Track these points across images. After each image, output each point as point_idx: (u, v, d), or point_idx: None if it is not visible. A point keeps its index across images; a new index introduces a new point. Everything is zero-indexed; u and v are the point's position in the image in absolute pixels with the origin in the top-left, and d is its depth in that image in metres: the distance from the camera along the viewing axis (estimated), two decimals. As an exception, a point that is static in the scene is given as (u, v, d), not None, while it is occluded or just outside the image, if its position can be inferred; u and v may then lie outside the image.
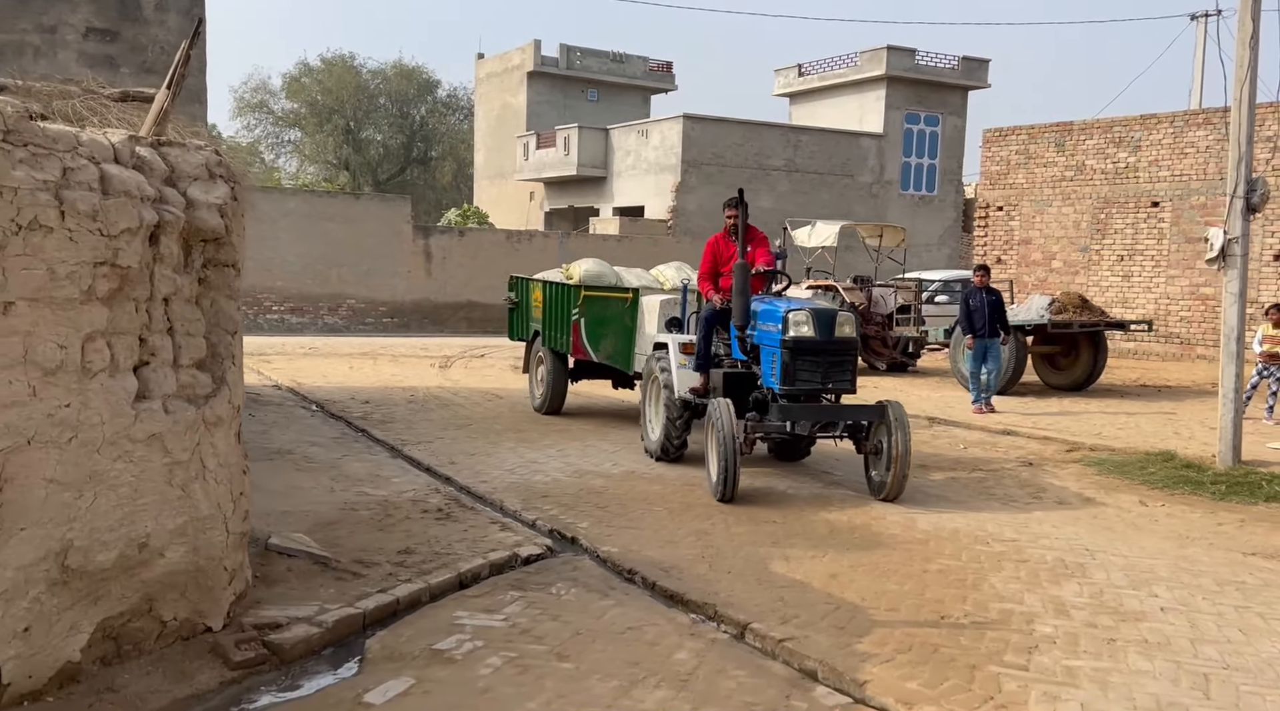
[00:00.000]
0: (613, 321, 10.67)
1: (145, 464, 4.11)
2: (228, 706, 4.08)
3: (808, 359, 7.61)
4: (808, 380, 7.65)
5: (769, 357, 7.84)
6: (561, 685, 4.20)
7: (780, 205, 32.61)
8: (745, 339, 8.20)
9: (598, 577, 5.80)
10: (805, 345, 7.61)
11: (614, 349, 10.68)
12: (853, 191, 34.09)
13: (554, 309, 11.54)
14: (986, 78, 36.95)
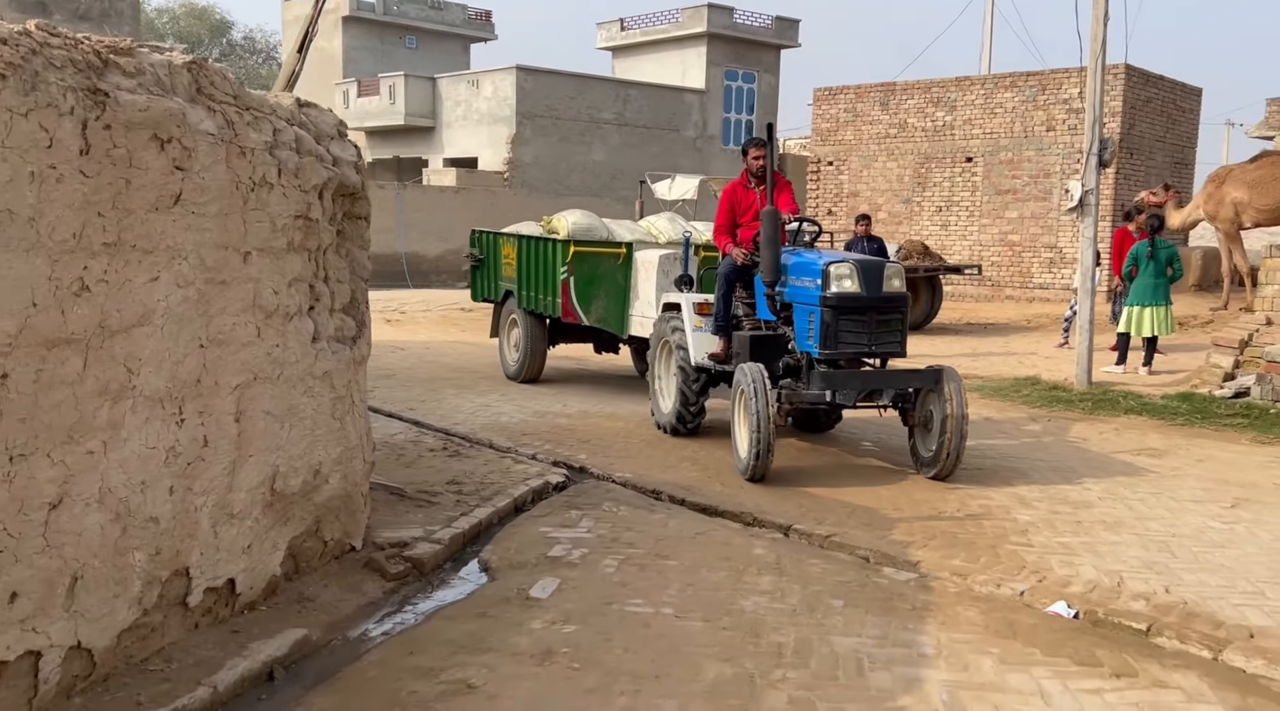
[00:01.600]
0: (605, 280, 9.92)
1: (320, 398, 4.54)
2: (399, 608, 4.61)
3: (852, 318, 6.64)
4: (852, 343, 6.68)
5: (805, 318, 6.86)
6: (681, 576, 4.96)
7: (612, 158, 33.48)
8: (774, 297, 7.27)
9: (631, 497, 6.54)
10: (850, 302, 6.61)
11: (606, 310, 9.97)
12: (678, 145, 35.30)
13: (534, 267, 10.55)
14: (797, 37, 38.93)
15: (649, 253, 9.70)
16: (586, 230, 10.24)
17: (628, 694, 3.68)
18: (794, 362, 7.16)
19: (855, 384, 6.94)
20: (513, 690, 3.71)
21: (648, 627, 4.30)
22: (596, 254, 9.98)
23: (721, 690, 3.70)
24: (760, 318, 7.63)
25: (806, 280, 6.88)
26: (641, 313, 9.66)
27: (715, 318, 7.75)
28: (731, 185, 7.99)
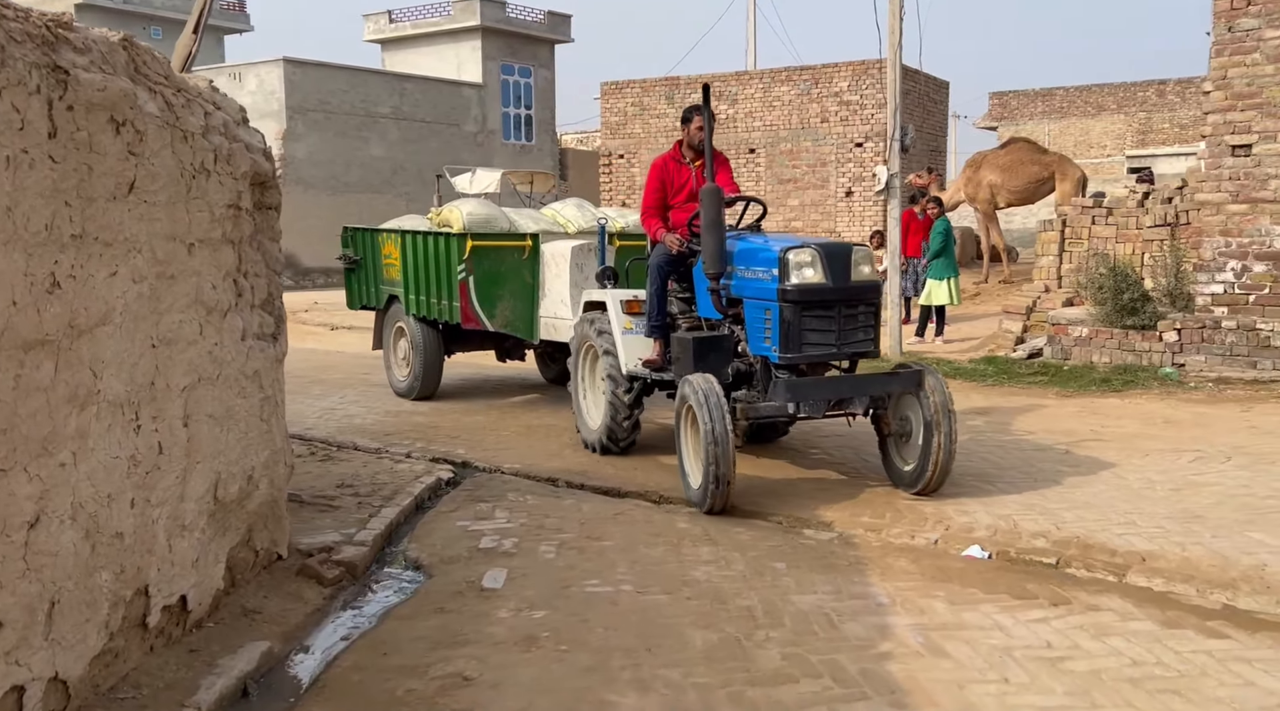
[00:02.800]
0: (510, 278, 8.74)
1: (251, 399, 4.28)
2: (344, 612, 4.43)
3: (817, 314, 5.61)
4: (818, 343, 5.65)
5: (759, 315, 5.78)
6: (622, 555, 5.03)
7: (392, 153, 32.59)
8: (720, 291, 6.08)
9: (531, 487, 6.52)
10: (813, 295, 5.57)
11: (513, 313, 8.80)
12: (459, 140, 34.80)
13: (424, 267, 9.23)
14: (570, 32, 39.28)
15: (559, 244, 8.66)
16: (485, 221, 8.92)
17: (628, 667, 3.72)
18: (746, 368, 6.12)
19: (825, 392, 5.81)
20: (512, 677, 3.67)
21: (616, 605, 4.35)
22: (498, 248, 8.75)
23: (715, 655, 3.82)
24: (702, 315, 6.48)
25: (759, 270, 5.79)
26: (553, 313, 8.63)
27: (648, 317, 6.64)
28: (662, 160, 6.82)
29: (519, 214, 9.40)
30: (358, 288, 10.65)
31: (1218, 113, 9.94)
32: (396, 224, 10.17)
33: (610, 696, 3.51)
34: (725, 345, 6.20)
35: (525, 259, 8.76)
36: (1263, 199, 9.65)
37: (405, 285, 9.54)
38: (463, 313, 8.75)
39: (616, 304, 6.99)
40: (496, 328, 8.85)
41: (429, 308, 9.26)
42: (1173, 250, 11.06)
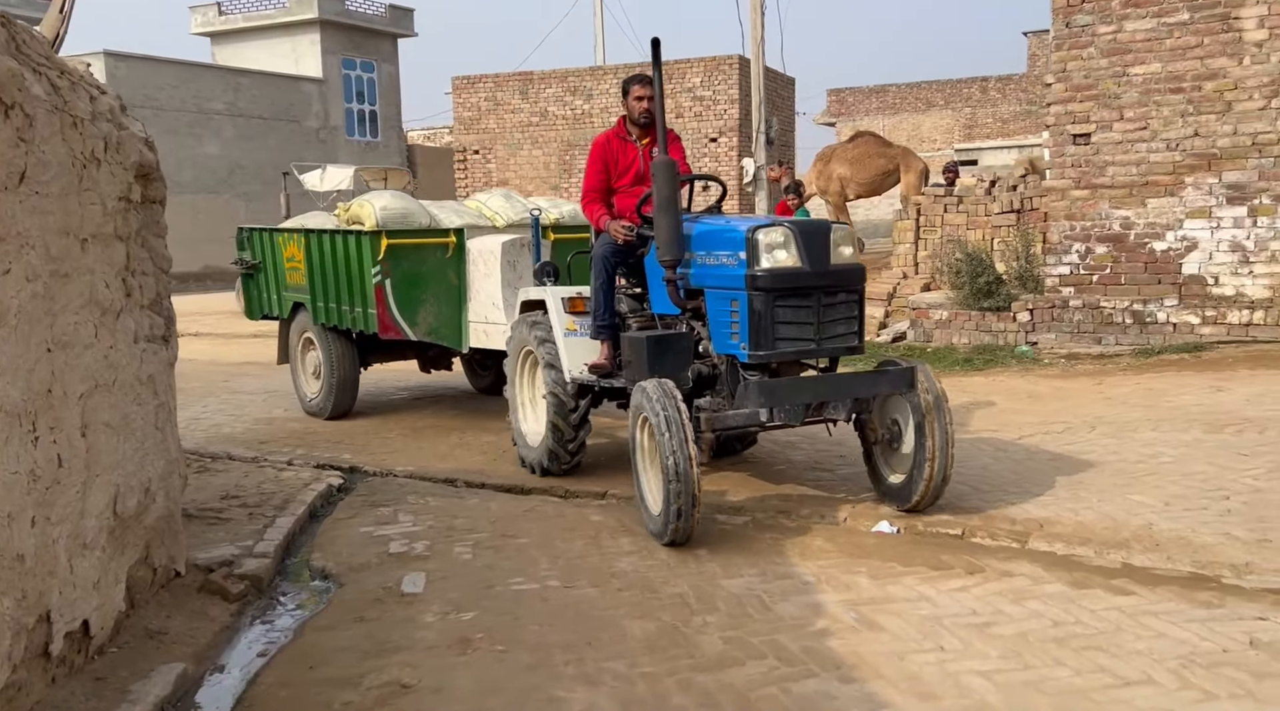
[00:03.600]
0: (433, 280, 7.85)
1: (146, 406, 3.99)
2: (253, 627, 4.19)
3: (792, 304, 4.86)
4: (794, 338, 4.90)
5: (724, 307, 5.04)
6: (541, 551, 4.93)
7: (228, 152, 31.17)
8: (677, 282, 5.28)
9: (430, 488, 6.34)
10: (788, 282, 4.85)
11: (438, 319, 7.91)
12: (300, 137, 33.58)
13: (333, 270, 8.23)
14: (413, 26, 38.42)
15: (487, 240, 7.83)
16: (402, 216, 7.90)
17: (572, 662, 3.65)
18: (710, 370, 5.30)
19: (804, 395, 4.97)
20: (453, 681, 3.54)
21: (546, 602, 4.26)
22: (418, 246, 7.83)
23: (657, 644, 3.78)
24: (657, 312, 5.74)
25: (723, 255, 5.02)
26: (483, 317, 7.75)
27: (594, 316, 5.86)
28: (604, 137, 6.03)
29: (440, 207, 8.35)
30: (257, 295, 9.58)
31: (1059, 104, 10.53)
32: (299, 222, 9.13)
33: (559, 692, 3.43)
34: (684, 344, 5.33)
35: (449, 257, 7.87)
36: (1102, 185, 10.29)
37: (312, 291, 8.51)
38: (380, 321, 7.77)
39: (557, 303, 6.13)
40: (420, 336, 7.91)
41: (340, 316, 8.26)
42: (1021, 235, 11.68)
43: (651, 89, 5.56)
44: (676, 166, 5.20)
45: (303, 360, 9.00)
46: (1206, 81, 9.68)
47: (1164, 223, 9.95)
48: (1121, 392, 8.35)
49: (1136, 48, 9.97)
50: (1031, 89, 39.96)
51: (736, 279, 4.92)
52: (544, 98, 23.46)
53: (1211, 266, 9.81)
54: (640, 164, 5.89)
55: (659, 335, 5.38)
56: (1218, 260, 9.80)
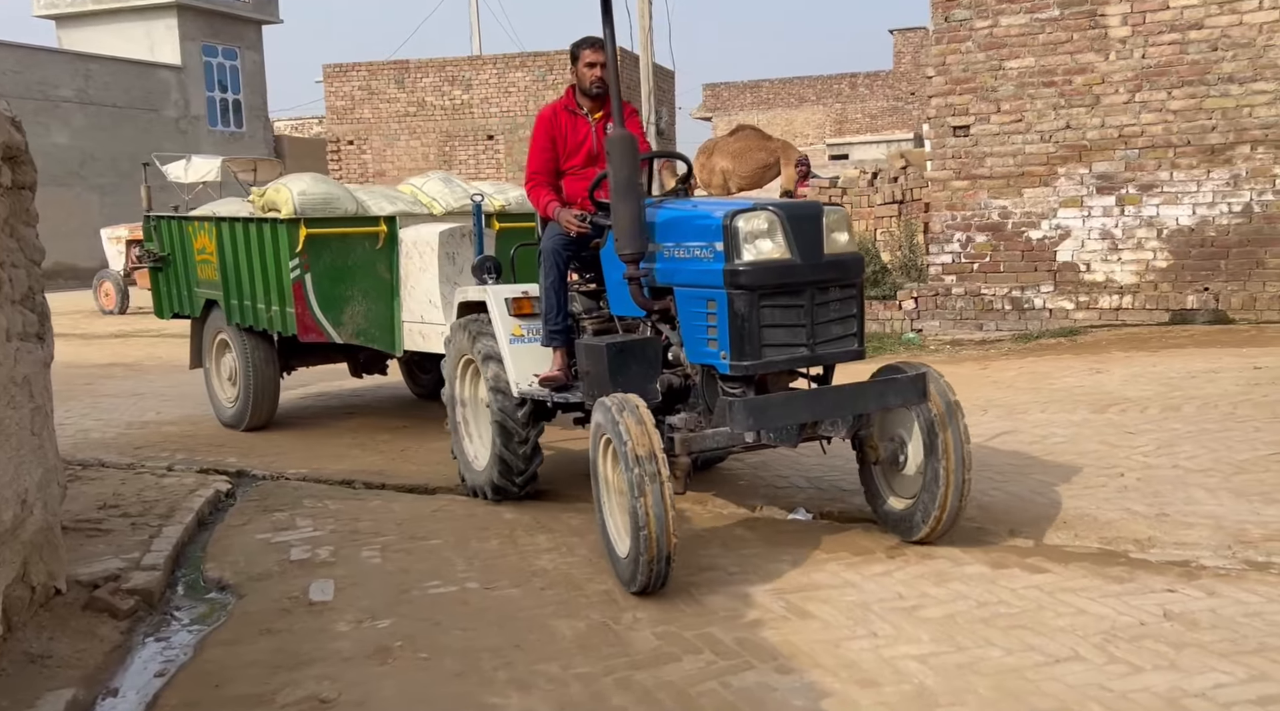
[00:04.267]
0: (360, 274, 7.02)
1: (21, 410, 3.64)
2: (145, 646, 3.89)
3: (781, 304, 4.11)
4: (784, 344, 4.14)
5: (697, 309, 4.25)
6: (455, 551, 4.74)
7: (78, 142, 29.49)
8: (640, 279, 4.46)
9: (327, 491, 6.06)
10: (776, 277, 4.09)
11: (367, 318, 7.08)
12: (159, 126, 32.01)
13: (247, 263, 7.41)
14: (278, 12, 37.07)
15: (423, 229, 6.94)
16: (324, 202, 7.04)
17: (501, 667, 3.49)
18: (682, 381, 4.52)
19: (799, 413, 4.17)
20: (376, 693, 3.35)
21: (467, 605, 4.09)
22: (343, 236, 7.00)
23: (589, 642, 3.66)
24: (616, 313, 4.90)
25: (696, 246, 4.24)
26: (419, 316, 6.89)
27: (544, 320, 5.07)
28: (550, 110, 5.23)
29: (368, 193, 7.49)
30: (166, 291, 8.66)
31: (939, 96, 10.81)
32: (211, 209, 8.30)
33: (492, 699, 3.28)
34: (651, 351, 4.54)
35: (380, 248, 7.01)
36: (981, 175, 10.61)
37: (225, 287, 7.67)
38: (299, 321, 6.96)
39: (501, 304, 5.30)
40: (346, 338, 7.10)
41: (255, 315, 7.43)
42: (904, 225, 11.97)
43: (602, 56, 4.86)
44: (635, 141, 4.35)
45: (217, 365, 8.15)
46: (1076, 76, 10.07)
47: (1039, 212, 10.33)
48: (1007, 376, 8.61)
49: (1011, 42, 10.30)
50: (898, 85, 41.24)
51: (713, 275, 4.12)
52: (421, 87, 22.94)
53: (1084, 254, 10.22)
54: (593, 141, 5.09)
55: (621, 341, 4.55)
56: (1089, 248, 10.22)
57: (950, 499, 4.28)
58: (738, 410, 3.99)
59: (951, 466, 4.25)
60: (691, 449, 4.17)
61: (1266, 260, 9.47)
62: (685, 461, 4.16)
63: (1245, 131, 9.38)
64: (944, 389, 4.33)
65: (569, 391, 5.02)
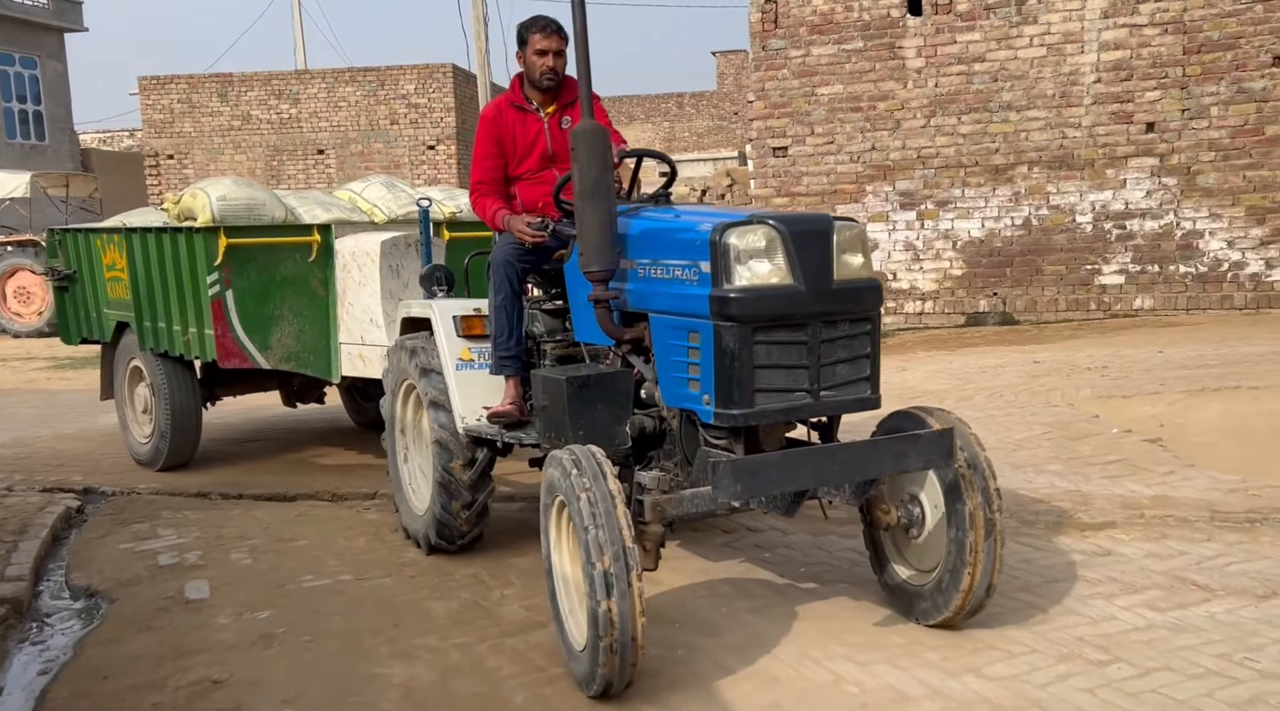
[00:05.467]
0: (290, 291, 6.18)
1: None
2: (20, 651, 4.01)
3: (781, 340, 3.37)
4: (782, 389, 3.40)
5: (676, 343, 3.53)
6: (325, 550, 4.98)
7: None
8: (609, 301, 3.72)
9: (184, 503, 6.12)
10: (775, 307, 3.35)
11: (299, 341, 6.23)
12: (-49, 138, 29.93)
13: (158, 280, 6.55)
14: (82, 21, 35.27)
15: (363, 239, 6.11)
16: (248, 208, 6.16)
17: (383, 643, 3.81)
18: (656, 425, 3.77)
19: (801, 479, 3.37)
20: (266, 673, 3.61)
21: (343, 594, 4.37)
22: (270, 247, 6.16)
23: (462, 618, 4.02)
24: (582, 340, 4.15)
25: (677, 266, 3.52)
26: (358, 337, 6.04)
27: (495, 343, 4.34)
28: (494, 108, 4.45)
29: (300, 198, 6.61)
30: (73, 313, 7.76)
31: (759, 119, 11.64)
32: (121, 220, 7.26)
33: (377, 670, 3.60)
34: (620, 387, 3.77)
35: (313, 261, 6.17)
36: (799, 193, 11.48)
37: (137, 308, 6.75)
38: (219, 344, 6.07)
39: (447, 321, 4.58)
40: (274, 364, 6.25)
41: (170, 340, 6.52)
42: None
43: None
44: (607, 134, 3.60)
45: (131, 395, 7.23)
46: (879, 102, 11.07)
47: (851, 226, 11.27)
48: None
49: (822, 71, 11.23)
50: (721, 105, 42.86)
51: (696, 301, 3.36)
52: (246, 101, 22.46)
53: (890, 264, 11.21)
54: (546, 141, 4.38)
55: (584, 375, 3.78)
56: (895, 258, 11.22)
57: (979, 578, 3.48)
58: (724, 474, 3.15)
59: (980, 540, 3.45)
60: (666, 515, 3.38)
61: (1044, 267, 10.69)
62: (658, 530, 3.40)
63: (1023, 153, 10.56)
64: (971, 445, 3.54)
65: (523, 430, 4.29)
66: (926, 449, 3.42)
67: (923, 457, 3.42)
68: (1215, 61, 9.74)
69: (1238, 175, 9.82)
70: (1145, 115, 10.08)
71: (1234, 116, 9.77)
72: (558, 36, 4.24)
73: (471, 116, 22.96)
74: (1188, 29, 9.80)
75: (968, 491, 3.48)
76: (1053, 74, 10.33)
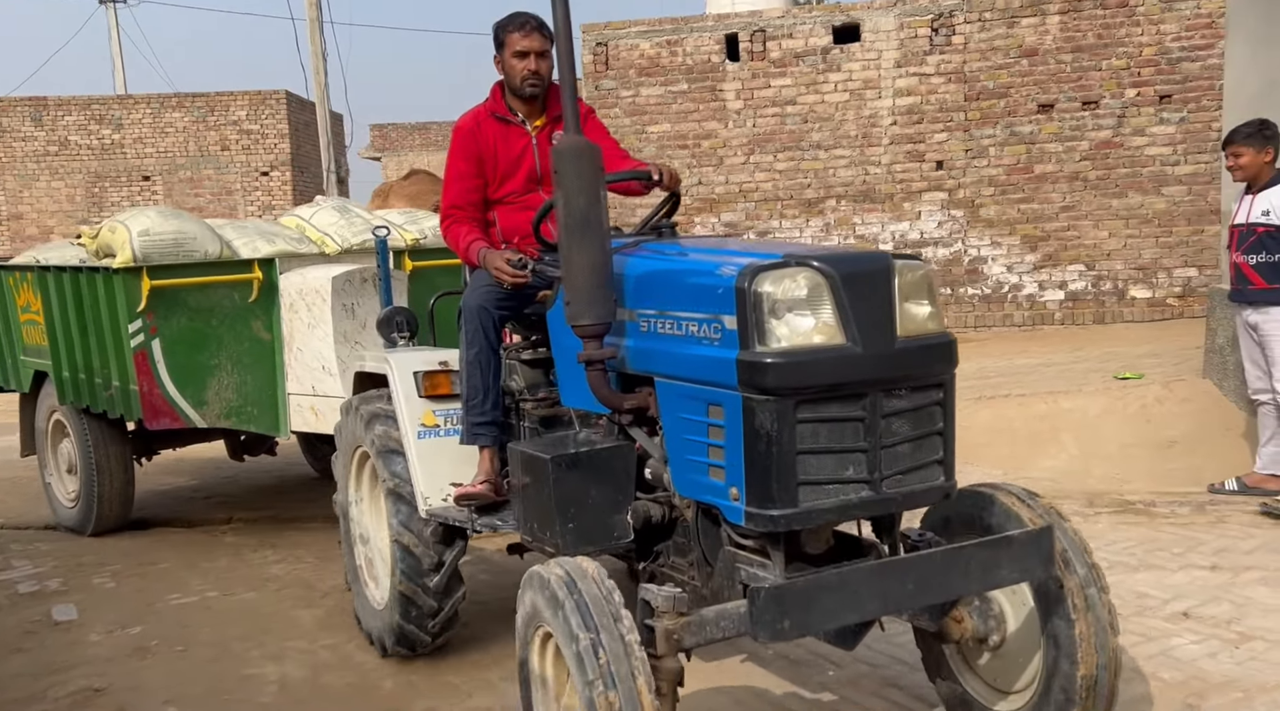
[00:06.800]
0: (228, 337, 5.46)
1: None
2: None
3: (831, 417, 2.52)
4: (834, 481, 2.53)
5: (692, 418, 2.68)
6: (186, 571, 5.24)
7: None
8: (602, 362, 2.90)
9: (31, 536, 6.23)
10: (821, 373, 2.49)
11: (240, 394, 5.52)
12: None
13: (76, 326, 5.81)
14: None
15: (311, 274, 5.44)
16: (175, 244, 5.37)
17: (254, 648, 4.17)
18: (664, 515, 2.97)
19: (868, 606, 2.53)
20: (145, 680, 3.92)
21: (211, 610, 4.68)
22: (203, 288, 5.42)
23: (329, 623, 4.42)
24: (570, 405, 3.35)
25: (693, 319, 2.71)
26: (309, 387, 5.37)
27: (465, 407, 3.60)
28: (470, 120, 3.72)
29: (238, 229, 5.77)
30: None
31: (593, 154, 12.29)
32: (34, 256, 6.48)
33: (250, 671, 3.97)
34: (619, 466, 3.01)
35: (254, 301, 5.48)
36: (628, 223, 12.19)
37: (54, 357, 6.02)
38: (145, 402, 5.33)
39: (407, 379, 3.82)
40: (212, 421, 5.51)
41: (92, 394, 5.76)
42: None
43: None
44: (597, 153, 2.76)
45: (54, 451, 6.46)
46: (704, 140, 11.92)
47: (681, 254, 12.05)
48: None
49: (651, 110, 11.99)
50: (558, 131, 43.49)
51: (718, 367, 2.55)
52: (63, 126, 21.66)
53: (718, 289, 12.03)
54: (534, 158, 3.71)
55: (574, 453, 2.99)
56: (722, 284, 12.05)
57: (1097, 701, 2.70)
58: (766, 606, 2.34)
59: (1092, 671, 2.65)
60: (683, 644, 2.51)
61: (854, 292, 11.71)
62: (675, 666, 2.50)
63: (831, 188, 11.59)
64: (1076, 545, 2.74)
65: (497, 514, 3.54)
66: (1022, 556, 2.58)
67: (1017, 568, 2.59)
68: (991, 108, 10.99)
69: (1014, 208, 11.09)
70: (935, 154, 11.25)
71: (1008, 156, 11.04)
72: (539, 34, 3.63)
73: (307, 143, 22.87)
74: (967, 78, 11.02)
75: (1078, 612, 2.65)
76: (855, 117, 11.40)
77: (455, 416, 3.72)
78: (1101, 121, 10.69)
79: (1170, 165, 10.54)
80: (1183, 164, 10.50)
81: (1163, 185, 10.57)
